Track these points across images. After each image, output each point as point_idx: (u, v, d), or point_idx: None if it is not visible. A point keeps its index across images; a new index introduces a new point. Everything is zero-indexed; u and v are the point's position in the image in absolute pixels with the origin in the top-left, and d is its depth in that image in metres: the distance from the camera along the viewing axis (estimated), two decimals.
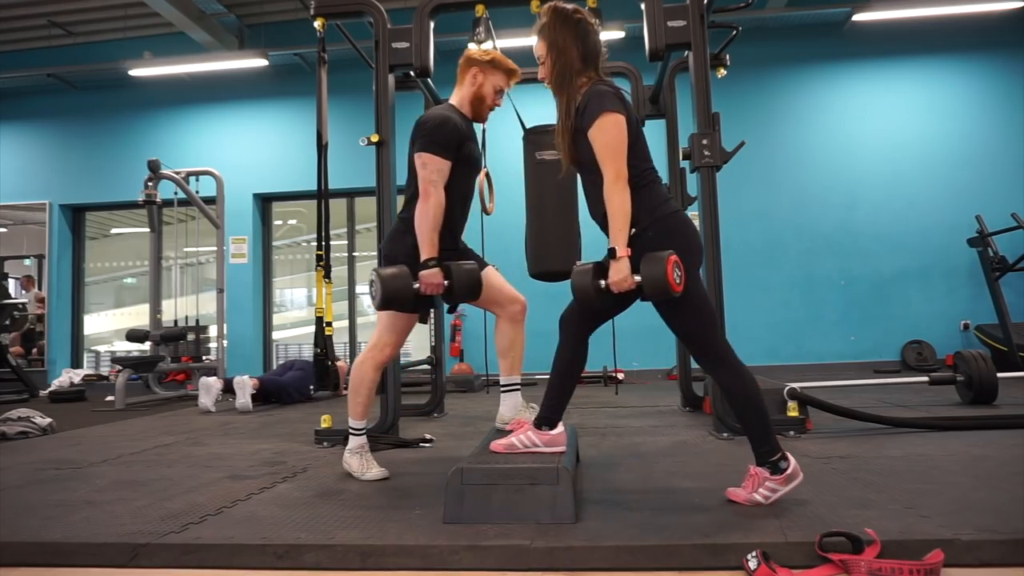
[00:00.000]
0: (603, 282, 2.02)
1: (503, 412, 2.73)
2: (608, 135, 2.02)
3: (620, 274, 1.98)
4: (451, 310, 2.63)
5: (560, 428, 2.23)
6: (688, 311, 2.05)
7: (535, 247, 3.82)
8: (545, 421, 2.21)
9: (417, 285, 2.40)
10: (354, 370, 2.65)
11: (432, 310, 2.62)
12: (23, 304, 8.22)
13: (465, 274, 2.41)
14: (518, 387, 2.73)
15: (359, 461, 2.62)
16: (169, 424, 4.53)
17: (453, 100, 2.69)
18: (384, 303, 2.37)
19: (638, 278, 1.97)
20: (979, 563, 1.63)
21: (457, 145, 2.51)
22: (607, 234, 2.12)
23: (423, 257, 2.41)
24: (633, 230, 2.04)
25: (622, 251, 1.99)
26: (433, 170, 2.44)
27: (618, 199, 2.00)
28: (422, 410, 4.55)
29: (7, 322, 7.42)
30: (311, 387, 5.72)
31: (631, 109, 2.12)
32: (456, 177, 2.53)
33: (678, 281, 1.92)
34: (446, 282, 2.41)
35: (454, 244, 2.64)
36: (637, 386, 6.35)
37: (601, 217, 2.13)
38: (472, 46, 3.67)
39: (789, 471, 2.05)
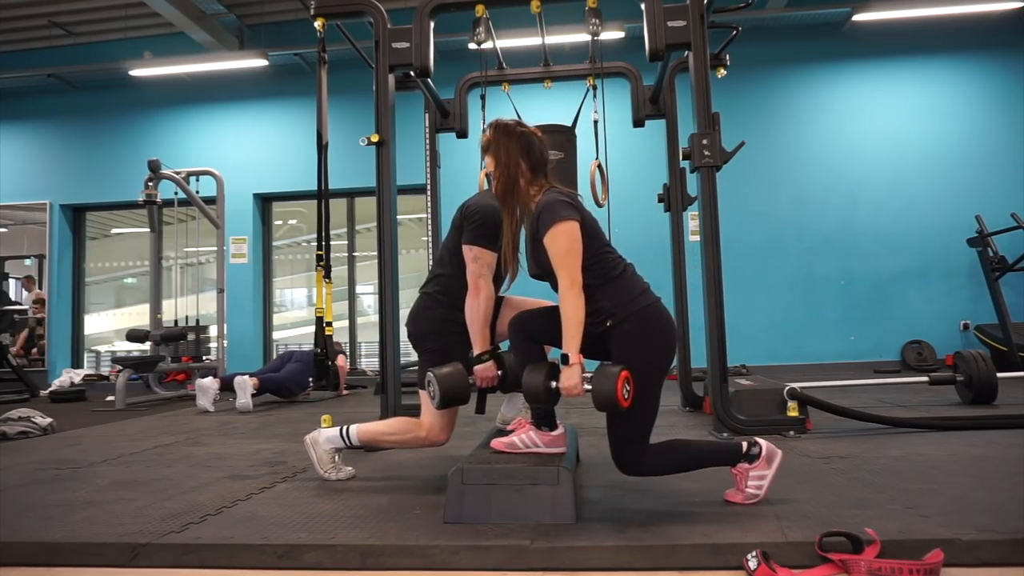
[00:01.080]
0: (555, 384, 2.01)
1: (504, 412, 2.73)
2: (561, 243, 2.02)
3: (571, 380, 1.97)
4: (479, 410, 2.64)
5: (561, 428, 2.23)
6: (629, 421, 2.03)
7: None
8: (544, 421, 2.21)
9: (471, 379, 2.40)
10: (399, 423, 2.61)
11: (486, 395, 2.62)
12: (24, 308, 8.23)
13: (531, 375, 2.41)
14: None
15: (330, 459, 2.61)
16: (169, 424, 4.53)
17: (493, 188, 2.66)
18: (444, 403, 2.36)
19: (588, 387, 1.96)
20: (979, 563, 1.63)
21: (500, 238, 2.47)
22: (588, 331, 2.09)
23: (476, 351, 2.40)
24: (609, 323, 2.04)
25: (574, 357, 1.98)
26: (484, 264, 2.39)
27: (571, 305, 1.98)
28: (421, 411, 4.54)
29: (8, 325, 7.42)
30: (310, 379, 5.70)
31: (584, 212, 2.12)
32: (496, 266, 2.49)
33: (626, 397, 1.91)
34: (499, 372, 2.42)
35: (491, 333, 2.59)
36: None
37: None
38: (472, 46, 3.68)
39: (764, 453, 2.06)
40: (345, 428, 2.63)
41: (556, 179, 2.26)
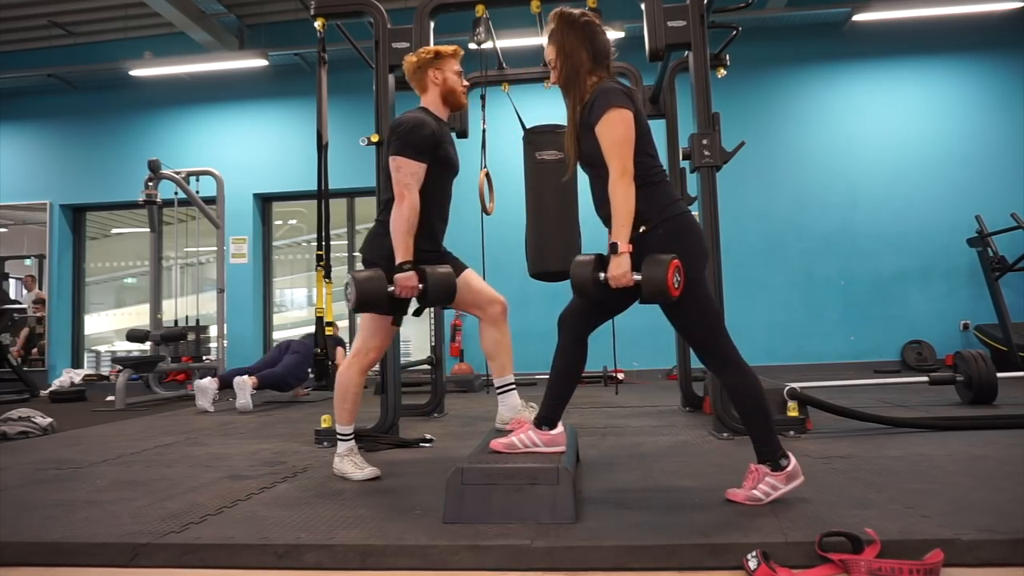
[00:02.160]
0: (602, 275, 2.02)
1: (503, 413, 2.74)
2: (615, 131, 2.03)
3: (620, 269, 1.99)
4: (417, 312, 2.64)
5: (560, 428, 2.23)
6: (693, 314, 2.07)
7: (535, 247, 3.83)
8: (545, 421, 2.21)
9: (392, 288, 2.41)
10: (339, 376, 2.64)
11: (421, 313, 2.62)
12: (23, 307, 8.22)
13: (440, 277, 2.43)
14: (513, 386, 2.73)
15: (351, 464, 2.62)
16: (169, 424, 4.53)
17: (425, 104, 2.71)
18: (359, 305, 2.39)
19: (638, 276, 1.97)
20: (979, 563, 1.63)
21: (432, 148, 2.52)
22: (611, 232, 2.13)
23: (398, 260, 2.42)
24: (642, 228, 2.05)
25: (623, 246, 1.99)
26: (407, 173, 2.44)
27: (622, 194, 2.00)
28: (422, 410, 4.55)
29: (8, 323, 7.42)
30: (309, 370, 5.69)
31: (639, 106, 2.13)
32: (432, 180, 2.53)
33: (676, 286, 1.93)
34: (420, 285, 2.42)
35: (434, 247, 2.64)
36: (637, 386, 6.35)
37: (606, 216, 2.14)
38: (472, 46, 3.68)
39: (789, 469, 2.06)
40: (337, 431, 2.67)
41: (615, 74, 2.25)
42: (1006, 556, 1.64)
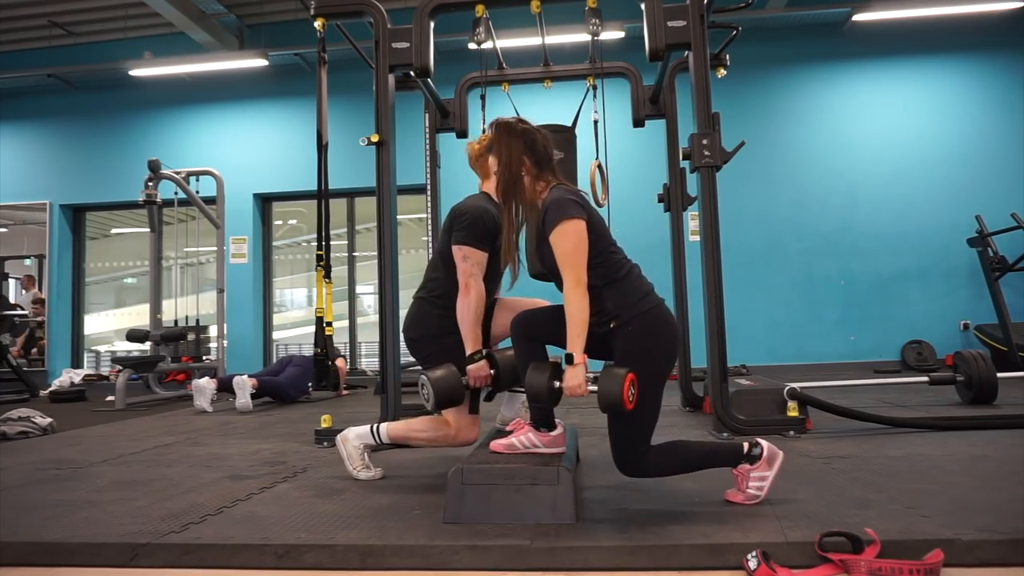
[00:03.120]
0: (558, 384, 2.01)
1: (504, 413, 2.73)
2: (568, 241, 2.02)
3: (575, 380, 1.98)
4: (488, 398, 2.63)
5: (560, 429, 2.23)
6: (632, 423, 2.02)
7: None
8: (541, 423, 2.21)
9: (465, 379, 2.40)
10: (432, 428, 2.58)
11: (492, 398, 2.63)
12: (24, 313, 8.21)
13: (509, 362, 2.43)
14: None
15: (362, 457, 2.60)
16: (169, 424, 4.53)
17: (486, 189, 2.67)
18: (438, 406, 2.38)
19: (593, 388, 1.97)
20: (979, 563, 1.63)
21: (494, 237, 2.49)
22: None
23: (468, 351, 2.41)
24: (612, 324, 2.04)
25: (579, 357, 1.97)
26: (473, 263, 2.43)
27: (576, 305, 1.99)
28: (422, 410, 4.54)
29: (9, 329, 7.41)
30: (309, 384, 5.71)
31: (591, 210, 2.12)
32: (490, 266, 2.52)
33: (631, 399, 1.91)
34: (492, 371, 2.43)
35: (485, 335, 2.61)
36: None
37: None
38: (472, 46, 3.67)
39: (765, 454, 2.06)
40: (376, 425, 2.62)
41: (563, 175, 2.25)
42: (1006, 556, 1.64)
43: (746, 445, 2.08)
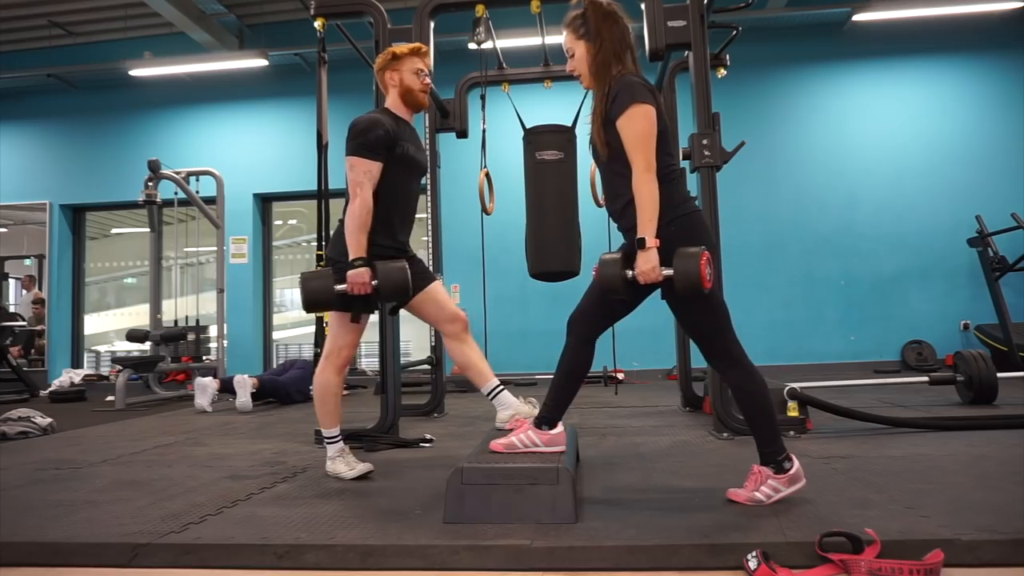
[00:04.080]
0: (630, 272, 2.01)
1: (501, 413, 2.74)
2: (637, 125, 2.02)
3: (648, 264, 1.98)
4: (392, 311, 2.65)
5: (560, 428, 2.23)
6: (708, 311, 2.06)
7: (535, 247, 3.83)
8: (545, 421, 2.21)
9: (342, 286, 2.42)
10: (316, 379, 2.66)
11: (372, 311, 2.66)
12: (23, 324, 8.19)
13: (390, 272, 2.43)
14: (502, 387, 2.76)
15: (343, 463, 2.63)
16: (169, 424, 4.53)
17: (387, 104, 2.73)
18: (306, 305, 2.45)
19: (667, 271, 1.97)
20: (979, 563, 1.63)
21: (387, 146, 2.54)
22: (620, 228, 2.15)
23: (351, 257, 2.45)
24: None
25: (651, 241, 1.98)
26: (360, 172, 2.48)
27: (647, 189, 2.00)
28: (422, 410, 4.55)
29: (8, 340, 7.41)
30: (311, 387, 5.71)
31: (660, 102, 2.12)
32: (391, 178, 2.56)
33: (709, 278, 1.93)
34: (373, 282, 2.43)
35: (396, 246, 2.65)
36: (637, 386, 6.35)
37: (618, 210, 2.15)
38: (472, 46, 3.68)
39: (792, 472, 2.06)
40: (324, 435, 2.68)
41: (639, 67, 2.23)
42: (1006, 556, 1.64)
43: (786, 451, 2.08)
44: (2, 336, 7.14)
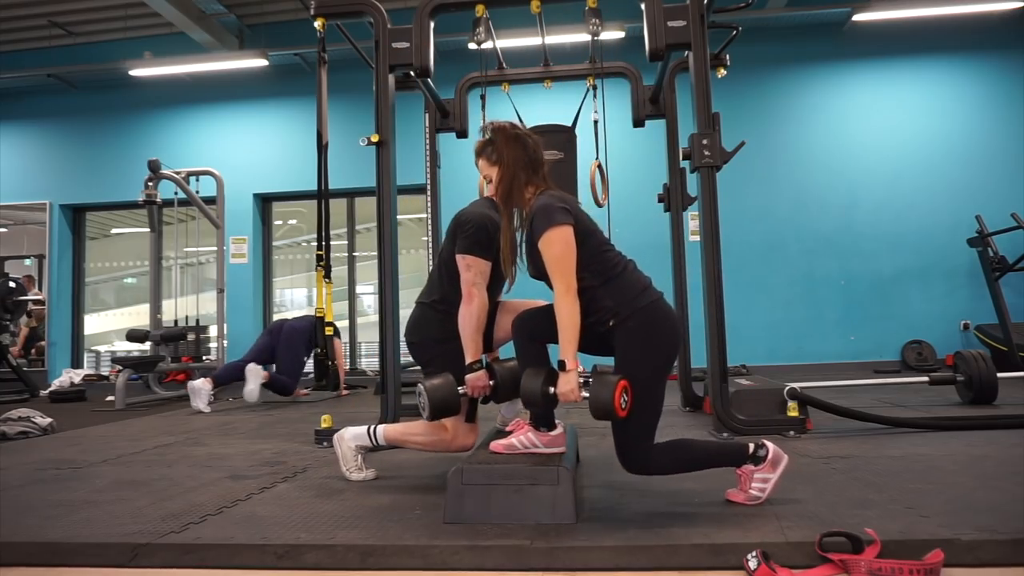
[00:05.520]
0: (552, 389, 2.02)
1: (504, 413, 2.74)
2: (555, 248, 2.01)
3: (568, 386, 1.98)
4: (486, 401, 2.63)
5: (560, 429, 2.22)
6: (631, 424, 2.00)
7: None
8: (541, 422, 2.21)
9: (463, 389, 2.39)
10: (428, 432, 2.56)
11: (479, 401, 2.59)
12: (39, 299, 8.23)
13: (508, 373, 2.41)
14: None
15: (356, 459, 2.61)
16: (169, 424, 4.53)
17: (489, 194, 2.63)
18: (433, 415, 2.36)
19: (586, 394, 1.97)
20: (979, 563, 1.63)
21: (496, 244, 2.45)
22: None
23: (468, 360, 2.39)
24: (612, 322, 2.04)
25: (571, 363, 1.98)
26: (477, 272, 2.42)
27: (566, 311, 1.99)
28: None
29: (29, 315, 7.44)
30: (304, 358, 5.71)
31: (579, 213, 2.11)
32: (493, 272, 2.50)
33: (623, 406, 1.91)
34: (491, 382, 2.41)
35: (488, 339, 2.59)
36: None
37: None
38: (472, 46, 3.68)
39: (770, 455, 2.06)
40: (373, 427, 2.61)
41: (552, 180, 2.26)
42: (1006, 556, 1.64)
43: (751, 446, 2.08)
44: (19, 311, 7.16)
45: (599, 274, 2.06)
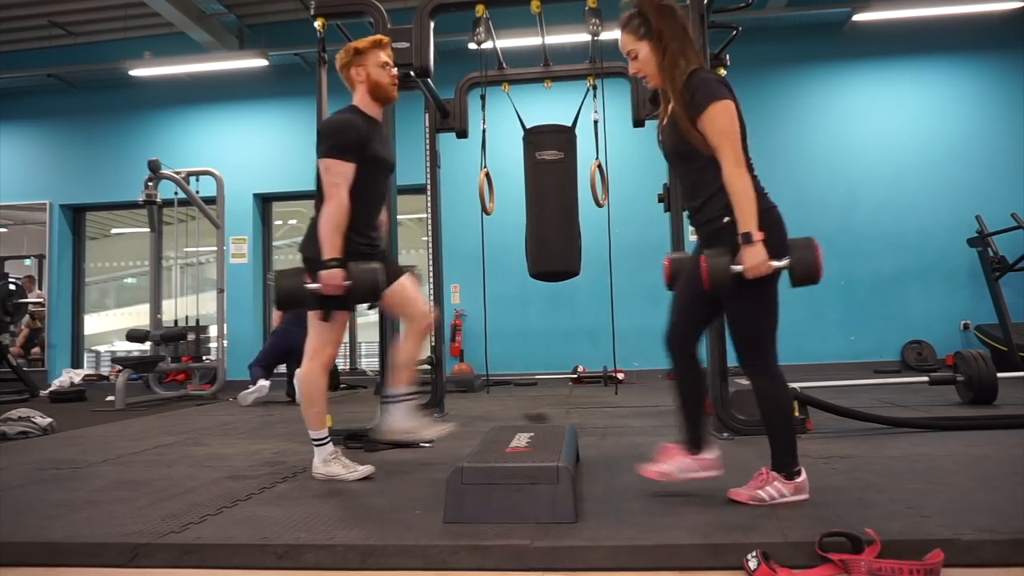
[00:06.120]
0: (737, 267, 1.99)
1: (395, 422, 2.72)
2: (723, 121, 2.03)
3: (757, 258, 1.96)
4: (371, 307, 2.66)
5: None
6: (767, 308, 2.07)
7: (535, 247, 3.83)
8: (693, 444, 2.21)
9: (315, 285, 2.45)
10: (302, 381, 2.62)
11: (348, 310, 2.63)
12: (40, 300, 8.24)
13: (364, 273, 2.45)
14: (412, 399, 2.77)
15: (340, 465, 2.60)
16: (169, 424, 4.53)
17: (355, 102, 2.69)
18: (279, 302, 2.52)
19: (779, 263, 1.98)
20: (979, 563, 1.63)
21: (360, 147, 2.54)
22: (698, 223, 2.15)
23: (324, 257, 2.46)
24: (727, 219, 2.04)
25: (757, 235, 1.96)
26: (335, 174, 2.49)
27: (741, 183, 2.00)
28: (422, 410, 4.54)
29: (32, 317, 7.47)
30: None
31: (736, 97, 2.11)
32: (363, 179, 2.55)
33: (824, 267, 1.94)
34: (347, 282, 2.45)
35: (370, 243, 2.65)
36: (637, 386, 6.35)
37: (695, 209, 2.15)
38: (472, 46, 3.68)
39: (800, 481, 2.07)
40: (312, 437, 2.64)
41: (703, 59, 2.24)
42: (1006, 556, 1.64)
43: (799, 464, 2.09)
44: (19, 313, 7.17)
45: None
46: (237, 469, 2.90)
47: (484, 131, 3.99)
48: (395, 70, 2.70)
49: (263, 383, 5.46)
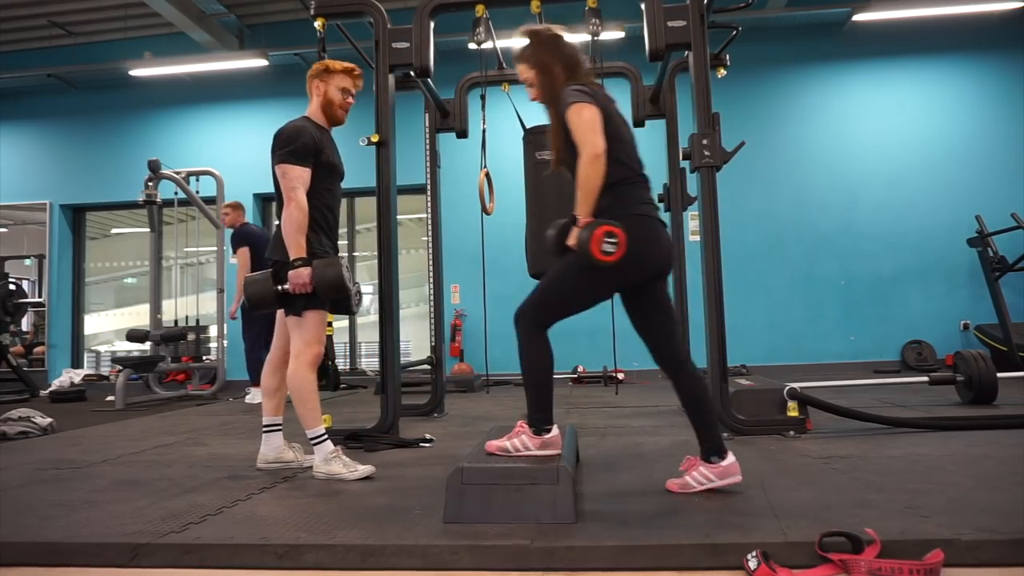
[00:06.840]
0: (567, 242, 2.14)
1: (266, 452, 2.81)
2: (581, 115, 2.12)
3: (579, 236, 2.07)
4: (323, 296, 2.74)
5: (555, 431, 2.24)
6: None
7: (535, 247, 3.83)
8: (537, 423, 2.23)
9: (285, 285, 2.57)
10: (292, 380, 2.65)
11: (324, 308, 2.72)
12: (40, 301, 8.25)
13: (328, 268, 2.59)
14: (281, 427, 2.84)
15: (341, 464, 2.61)
16: (169, 424, 4.53)
17: (308, 113, 2.83)
18: (251, 306, 2.64)
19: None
20: (979, 563, 1.63)
21: (315, 153, 2.68)
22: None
23: (291, 257, 2.58)
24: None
25: (583, 220, 2.08)
26: (293, 178, 2.63)
27: (591, 171, 2.08)
28: (422, 410, 4.55)
29: (27, 321, 7.48)
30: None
31: (611, 110, 2.20)
32: (318, 184, 2.70)
33: (604, 251, 2.00)
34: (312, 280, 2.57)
35: (332, 248, 2.78)
36: (637, 386, 6.35)
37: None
38: (472, 46, 3.68)
39: (725, 464, 2.16)
40: (309, 436, 2.67)
41: (591, 77, 2.34)
42: (1006, 556, 1.64)
43: (723, 448, 2.19)
44: (19, 313, 7.17)
45: (609, 176, 2.11)
46: (237, 469, 2.90)
47: (484, 131, 3.99)
48: (351, 99, 2.86)
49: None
